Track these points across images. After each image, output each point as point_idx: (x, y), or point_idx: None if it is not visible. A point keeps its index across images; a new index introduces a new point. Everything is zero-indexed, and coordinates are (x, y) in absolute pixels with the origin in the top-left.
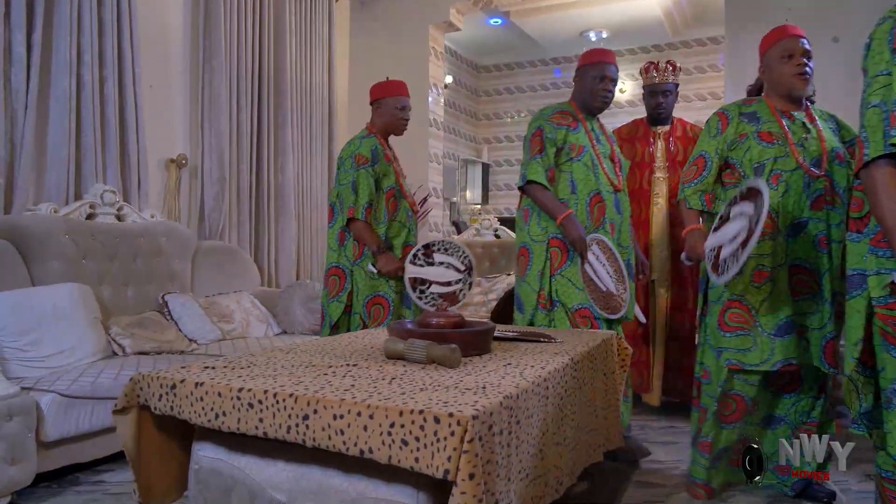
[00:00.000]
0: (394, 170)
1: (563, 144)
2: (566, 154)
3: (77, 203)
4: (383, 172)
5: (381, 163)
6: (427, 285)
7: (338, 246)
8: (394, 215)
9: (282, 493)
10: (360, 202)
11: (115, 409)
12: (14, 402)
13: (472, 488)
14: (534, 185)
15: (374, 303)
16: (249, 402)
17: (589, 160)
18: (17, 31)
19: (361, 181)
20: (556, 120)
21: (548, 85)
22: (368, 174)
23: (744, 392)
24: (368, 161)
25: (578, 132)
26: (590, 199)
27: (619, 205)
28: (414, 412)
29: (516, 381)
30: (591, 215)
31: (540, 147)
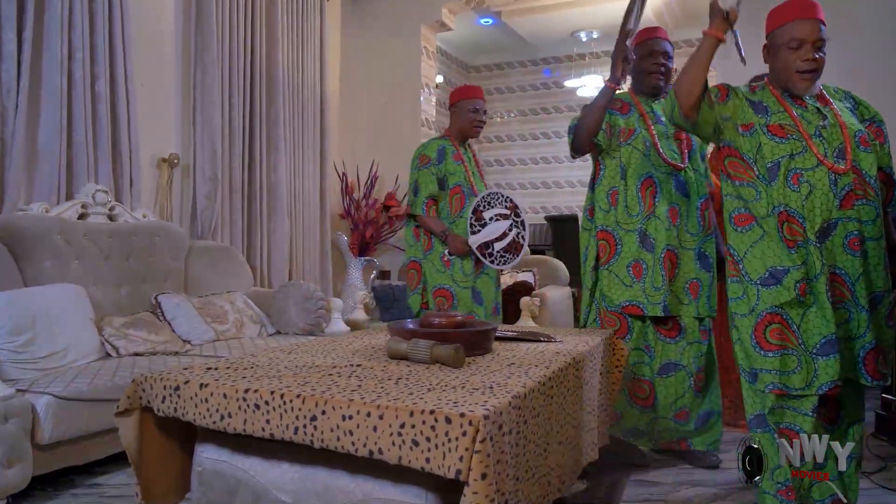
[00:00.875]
0: (464, 169)
1: (612, 129)
2: (615, 138)
3: (69, 203)
4: (450, 171)
5: (448, 162)
6: (490, 247)
7: (414, 241)
8: (459, 213)
9: (287, 494)
10: (420, 199)
11: (118, 410)
12: (10, 405)
13: (485, 488)
14: None
15: (439, 294)
16: (256, 403)
17: (641, 143)
18: (7, 28)
19: (422, 180)
20: None
21: (538, 85)
22: (430, 173)
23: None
24: (431, 161)
25: (630, 116)
26: (640, 183)
27: (684, 186)
28: (425, 412)
29: (523, 381)
30: (643, 201)
31: None
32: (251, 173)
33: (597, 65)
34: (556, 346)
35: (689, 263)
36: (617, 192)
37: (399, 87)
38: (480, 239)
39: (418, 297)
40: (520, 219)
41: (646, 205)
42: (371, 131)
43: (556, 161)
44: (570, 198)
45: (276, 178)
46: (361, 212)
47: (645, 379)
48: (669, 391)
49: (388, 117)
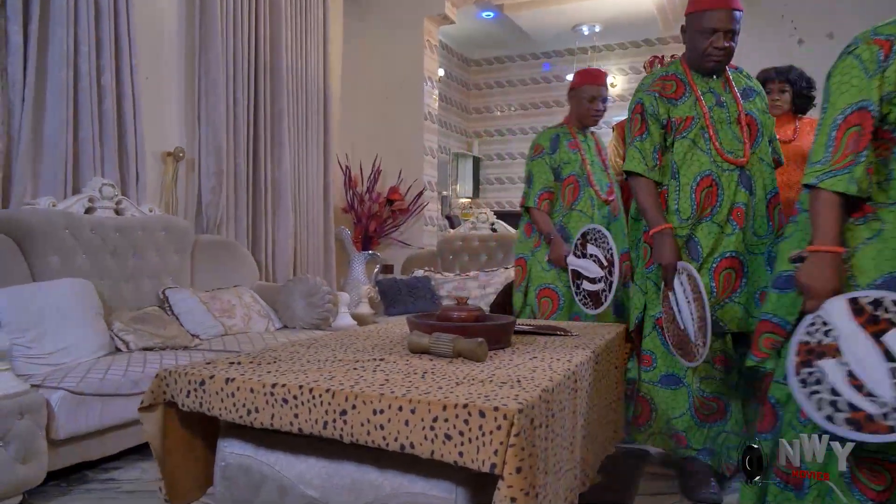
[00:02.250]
0: (580, 158)
1: (669, 119)
2: (672, 132)
3: (76, 197)
4: (564, 161)
5: (563, 151)
6: (581, 280)
7: (524, 237)
8: (573, 204)
9: (314, 488)
10: (533, 191)
11: (142, 405)
12: (24, 400)
13: (519, 482)
14: (635, 179)
15: (544, 295)
16: (284, 397)
17: (698, 134)
18: (13, 21)
19: (535, 170)
20: (657, 89)
21: (539, 79)
22: (544, 163)
23: None
24: (544, 150)
25: (686, 101)
26: (696, 184)
27: (749, 181)
28: (458, 406)
29: (549, 375)
30: (697, 204)
31: (641, 126)
32: (256, 167)
33: (598, 58)
34: (574, 339)
35: (758, 270)
36: (666, 193)
37: (401, 80)
38: (576, 266)
39: (521, 296)
40: (611, 278)
41: (700, 208)
42: (373, 125)
43: None
44: None
45: (280, 173)
46: (365, 206)
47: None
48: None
49: (391, 111)
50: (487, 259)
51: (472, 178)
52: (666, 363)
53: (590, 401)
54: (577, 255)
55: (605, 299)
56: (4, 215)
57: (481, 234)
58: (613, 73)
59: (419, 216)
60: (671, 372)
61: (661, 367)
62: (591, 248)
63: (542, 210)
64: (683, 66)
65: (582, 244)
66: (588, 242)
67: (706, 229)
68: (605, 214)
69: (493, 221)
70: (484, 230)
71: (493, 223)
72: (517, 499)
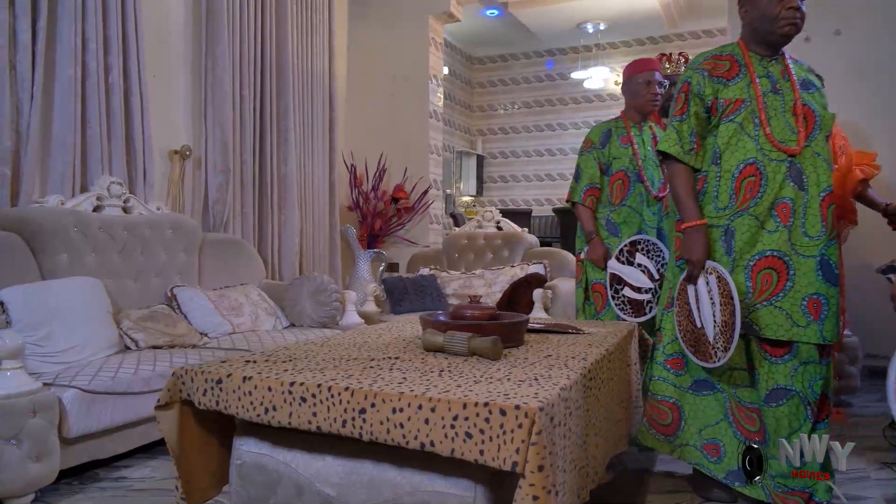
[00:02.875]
0: (632, 152)
1: (716, 100)
2: (718, 114)
3: (84, 195)
4: (614, 156)
5: (613, 146)
6: (622, 286)
7: (581, 232)
8: (623, 199)
9: (331, 487)
10: (579, 186)
11: (158, 404)
12: (37, 398)
13: (541, 480)
14: (670, 163)
15: (595, 290)
16: (302, 396)
17: (747, 118)
18: (21, 18)
19: (582, 165)
20: (708, 68)
21: (542, 77)
22: (592, 158)
23: None
24: (593, 145)
25: (738, 82)
26: (739, 171)
27: (800, 176)
28: (478, 405)
29: (566, 373)
30: (736, 195)
31: (682, 106)
32: (262, 165)
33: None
34: (586, 338)
35: (808, 275)
36: (705, 179)
37: (406, 78)
38: (618, 272)
39: (581, 292)
40: (659, 292)
41: (739, 198)
42: (378, 123)
43: (560, 153)
44: None
45: (286, 171)
46: (370, 204)
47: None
48: (782, 423)
49: (396, 109)
50: (493, 257)
51: (476, 177)
52: (698, 368)
53: (602, 399)
54: (620, 261)
55: (648, 310)
56: (13, 213)
57: (487, 232)
58: (617, 71)
59: (424, 214)
60: (704, 377)
61: (692, 370)
62: (640, 257)
63: (587, 206)
64: (741, 46)
65: (630, 251)
66: (638, 251)
67: (743, 223)
68: (656, 211)
69: (499, 219)
70: (490, 228)
71: (499, 221)
72: (539, 497)
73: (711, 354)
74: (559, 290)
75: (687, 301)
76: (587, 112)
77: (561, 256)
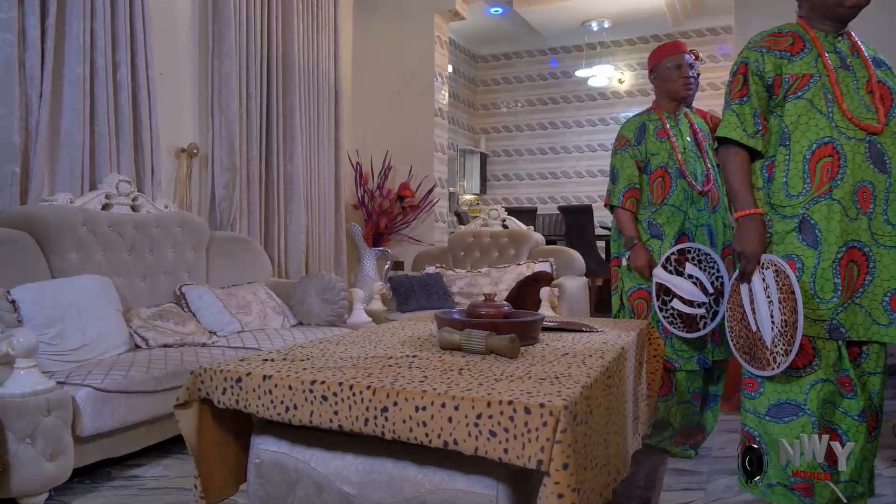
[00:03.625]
0: (670, 146)
1: (779, 76)
2: (781, 91)
3: (93, 193)
4: (651, 151)
5: (649, 141)
6: (671, 297)
7: (617, 236)
8: (664, 198)
9: (351, 485)
10: (618, 188)
11: (177, 403)
12: (52, 397)
13: (566, 478)
14: (727, 149)
15: (637, 296)
16: (323, 394)
17: (818, 93)
18: (30, 15)
19: (618, 165)
20: (767, 44)
21: (546, 75)
22: (628, 156)
23: None
24: (628, 142)
25: (804, 56)
26: (811, 152)
27: (881, 156)
28: (503, 403)
29: (586, 371)
30: (811, 178)
31: (742, 88)
32: (268, 163)
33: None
34: (600, 336)
35: (890, 268)
36: (774, 164)
37: (412, 76)
38: (667, 282)
39: (616, 299)
40: (716, 307)
41: (815, 183)
42: (384, 121)
43: (564, 151)
44: (577, 188)
45: (292, 169)
46: (375, 202)
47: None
48: None
49: (401, 107)
50: (499, 255)
51: (479, 175)
52: (776, 387)
53: (620, 397)
54: (668, 269)
55: (702, 326)
56: (23, 212)
57: (493, 230)
58: (622, 69)
59: (430, 213)
60: (785, 398)
61: (769, 392)
62: (690, 268)
63: (627, 209)
64: (802, 24)
65: (678, 260)
66: (687, 261)
67: (825, 210)
68: (702, 207)
69: (505, 218)
70: (496, 226)
71: (505, 219)
72: (564, 495)
73: (769, 361)
74: (566, 288)
75: (740, 303)
76: (591, 110)
77: (567, 254)
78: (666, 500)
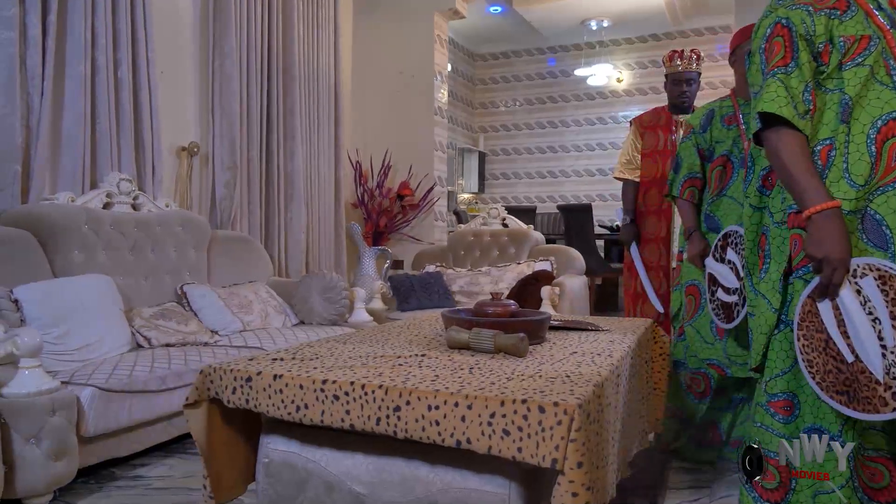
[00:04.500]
0: (738, 133)
1: (830, 42)
2: (834, 58)
3: (94, 192)
4: (717, 139)
5: (716, 129)
6: (716, 287)
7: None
8: (722, 188)
9: (361, 485)
10: (678, 178)
11: (187, 402)
12: (57, 397)
13: (581, 476)
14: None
15: (688, 292)
16: (335, 394)
17: (878, 59)
18: (31, 13)
19: (682, 154)
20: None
21: (545, 74)
22: (691, 144)
23: None
24: (693, 130)
25: (853, 15)
26: (878, 131)
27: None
28: (516, 402)
29: (595, 370)
30: (878, 163)
31: (786, 53)
32: (269, 162)
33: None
34: (607, 335)
35: None
36: (832, 147)
37: (412, 75)
38: (714, 270)
39: (679, 295)
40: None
41: (882, 167)
42: (383, 120)
43: (562, 150)
44: (576, 187)
45: (293, 167)
46: (375, 201)
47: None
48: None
49: (401, 106)
50: (499, 254)
51: (478, 174)
52: (814, 412)
53: (627, 395)
54: (715, 258)
55: (736, 314)
56: (26, 211)
57: (493, 229)
58: (620, 68)
59: (429, 212)
60: (819, 423)
61: (806, 416)
62: (729, 252)
63: (686, 199)
64: None
65: (722, 246)
66: (728, 246)
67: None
68: None
69: (505, 217)
70: (495, 225)
71: (504, 218)
72: (578, 493)
73: (885, 400)
74: (566, 286)
75: (820, 328)
76: (589, 109)
77: (567, 253)
78: (673, 498)
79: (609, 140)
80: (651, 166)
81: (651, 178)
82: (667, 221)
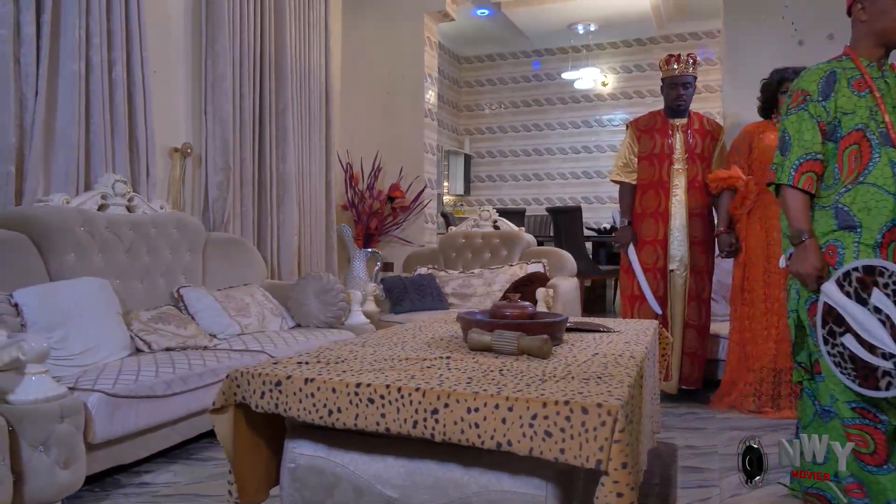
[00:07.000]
0: (874, 101)
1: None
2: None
3: (89, 193)
4: (844, 109)
5: (842, 95)
6: (843, 329)
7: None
8: (861, 174)
9: (393, 488)
10: (789, 160)
11: (214, 407)
12: (65, 403)
13: (625, 477)
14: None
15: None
16: (370, 397)
17: None
18: (26, 11)
19: (791, 129)
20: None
21: (530, 77)
22: (806, 115)
23: None
24: (807, 96)
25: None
26: None
27: None
28: (559, 403)
29: (624, 371)
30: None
31: None
32: (261, 164)
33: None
34: (620, 336)
35: None
36: None
37: (401, 77)
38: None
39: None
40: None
41: None
42: (373, 122)
43: (548, 153)
44: (562, 189)
45: (285, 169)
46: (365, 203)
47: None
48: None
49: (391, 108)
50: (491, 256)
51: (463, 176)
52: None
53: (645, 395)
54: (845, 291)
55: (885, 386)
56: (20, 212)
57: (484, 231)
58: (605, 71)
59: (419, 214)
60: None
61: None
62: (878, 296)
63: (801, 189)
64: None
65: (861, 280)
66: (876, 286)
67: None
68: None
69: (496, 219)
70: (486, 227)
71: (496, 220)
72: (623, 493)
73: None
74: (559, 288)
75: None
76: (575, 112)
77: (559, 255)
78: (683, 496)
79: (594, 143)
80: (648, 169)
81: (648, 181)
82: (664, 224)
